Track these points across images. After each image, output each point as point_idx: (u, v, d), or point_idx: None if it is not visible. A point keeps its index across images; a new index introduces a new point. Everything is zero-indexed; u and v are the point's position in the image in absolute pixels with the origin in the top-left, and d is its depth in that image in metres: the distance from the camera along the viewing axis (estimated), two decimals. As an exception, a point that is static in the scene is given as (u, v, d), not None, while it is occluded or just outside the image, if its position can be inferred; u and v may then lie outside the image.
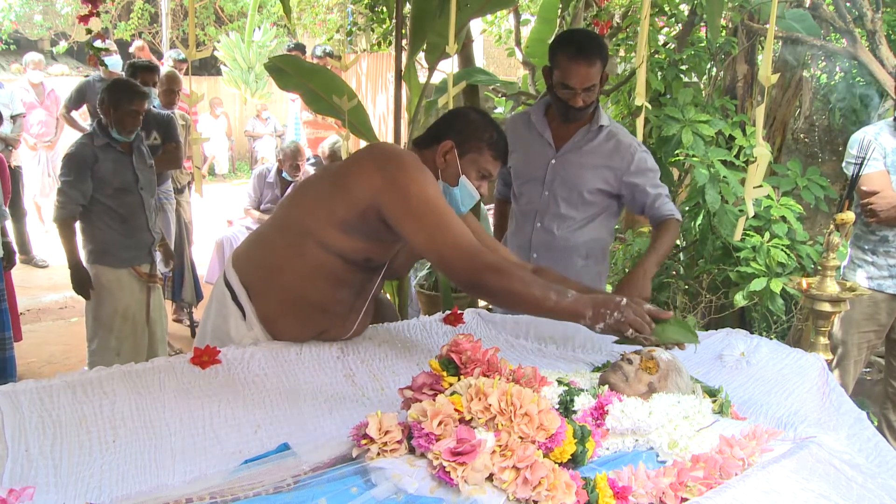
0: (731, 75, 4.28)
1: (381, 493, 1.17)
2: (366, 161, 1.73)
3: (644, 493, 1.24)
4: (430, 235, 1.62)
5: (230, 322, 1.84)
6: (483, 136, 1.83)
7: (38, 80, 6.90)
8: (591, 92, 2.30)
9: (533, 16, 5.16)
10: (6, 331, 3.56)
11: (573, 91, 2.28)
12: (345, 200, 1.70)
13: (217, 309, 1.89)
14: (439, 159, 1.81)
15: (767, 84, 2.27)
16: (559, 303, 1.58)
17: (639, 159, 2.41)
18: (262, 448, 1.43)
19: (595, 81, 2.28)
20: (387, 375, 1.77)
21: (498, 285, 1.57)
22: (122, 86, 3.35)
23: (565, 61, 2.27)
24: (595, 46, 2.27)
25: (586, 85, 2.27)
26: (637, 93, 2.60)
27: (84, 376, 1.53)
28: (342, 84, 3.24)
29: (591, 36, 2.40)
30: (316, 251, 1.74)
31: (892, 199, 2.82)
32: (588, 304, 1.57)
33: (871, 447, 1.62)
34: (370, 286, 1.89)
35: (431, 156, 1.82)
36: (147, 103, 3.36)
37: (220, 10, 12.91)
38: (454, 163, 1.81)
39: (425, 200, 1.63)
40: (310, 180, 1.94)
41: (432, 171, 1.79)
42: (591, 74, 2.26)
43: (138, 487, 1.30)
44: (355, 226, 1.71)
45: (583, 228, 2.49)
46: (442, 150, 1.81)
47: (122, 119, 3.24)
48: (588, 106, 2.32)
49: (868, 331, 3.00)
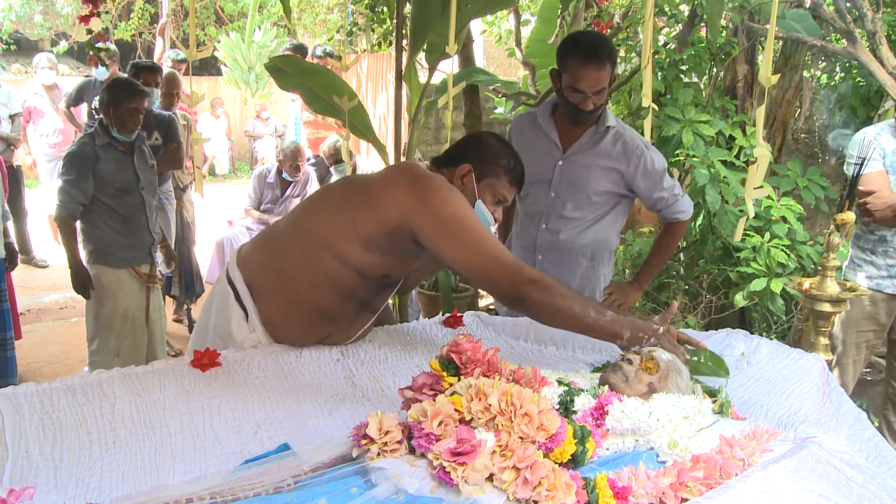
0: (732, 75, 4.27)
1: (382, 494, 1.17)
2: (396, 180, 1.75)
3: (644, 493, 1.24)
4: (470, 253, 1.65)
5: (232, 322, 1.83)
6: (501, 161, 1.86)
7: (51, 82, 6.35)
8: (600, 95, 2.29)
9: (533, 16, 5.17)
10: (7, 331, 3.56)
11: (583, 95, 2.27)
12: (372, 218, 1.70)
13: (219, 308, 1.89)
14: (457, 182, 1.82)
15: (768, 84, 2.27)
16: (598, 321, 1.63)
17: (646, 161, 2.40)
18: (262, 448, 1.43)
19: (605, 85, 2.27)
20: (387, 376, 1.77)
21: (541, 299, 1.61)
22: (122, 84, 3.35)
23: (574, 65, 2.25)
24: (605, 50, 2.25)
25: (597, 88, 2.26)
26: (643, 94, 2.59)
27: (84, 379, 1.54)
28: (342, 84, 3.23)
29: (599, 39, 2.38)
30: (333, 263, 1.74)
31: (888, 199, 2.83)
32: (627, 327, 1.63)
33: (871, 447, 1.62)
34: (381, 300, 1.91)
35: (449, 177, 1.83)
36: (147, 102, 3.36)
37: (221, 10, 12.91)
38: (471, 186, 1.83)
39: (460, 219, 1.66)
40: (331, 190, 1.95)
41: None
42: (601, 78, 2.25)
43: (138, 488, 1.30)
44: (380, 244, 1.72)
45: (588, 230, 2.49)
46: (460, 173, 1.83)
47: (123, 118, 3.24)
48: (597, 108, 2.32)
49: (867, 330, 3.01)
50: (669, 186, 2.44)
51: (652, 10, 2.64)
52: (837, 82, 5.07)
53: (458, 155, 1.87)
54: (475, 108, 4.56)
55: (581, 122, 2.38)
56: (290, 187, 5.08)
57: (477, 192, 1.83)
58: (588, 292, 2.54)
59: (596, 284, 2.57)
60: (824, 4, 3.78)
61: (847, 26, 3.51)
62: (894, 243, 2.90)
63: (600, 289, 2.58)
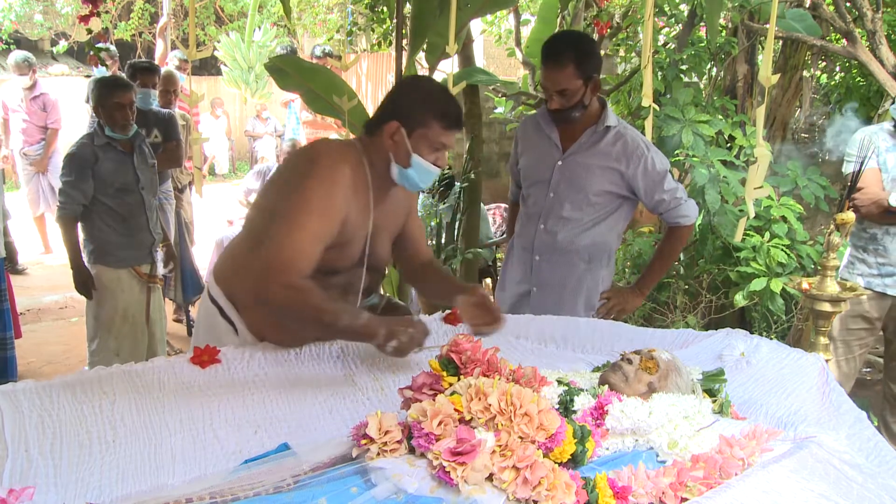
0: (731, 75, 4.28)
1: (381, 493, 1.17)
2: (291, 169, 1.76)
3: (644, 492, 1.24)
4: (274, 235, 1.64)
5: (223, 338, 1.81)
6: (428, 107, 1.75)
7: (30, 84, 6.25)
8: (565, 95, 2.29)
9: (533, 16, 5.17)
10: (7, 330, 3.56)
11: (549, 93, 2.32)
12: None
13: (206, 328, 1.86)
14: (388, 142, 1.75)
15: (767, 84, 2.27)
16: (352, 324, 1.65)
17: (647, 162, 2.38)
18: (261, 448, 1.43)
19: (566, 86, 2.27)
20: (387, 375, 1.77)
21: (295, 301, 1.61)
22: (105, 81, 3.36)
23: (542, 64, 2.32)
24: (567, 51, 2.26)
25: (557, 88, 2.28)
26: (644, 94, 2.59)
27: (83, 376, 1.54)
28: (342, 84, 3.24)
29: (565, 40, 2.39)
30: None
31: (874, 196, 2.87)
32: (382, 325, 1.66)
33: (871, 447, 1.61)
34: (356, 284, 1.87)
35: (378, 140, 1.76)
36: (133, 95, 3.34)
37: (221, 10, 12.91)
38: (403, 143, 1.74)
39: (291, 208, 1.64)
40: (266, 188, 1.89)
41: (383, 157, 1.76)
42: (559, 79, 2.27)
43: (138, 487, 1.29)
44: None
45: (587, 231, 2.47)
46: (389, 133, 1.74)
47: (110, 113, 3.25)
48: (571, 108, 2.31)
49: (857, 328, 3.03)
50: (671, 189, 2.41)
51: (652, 9, 2.65)
52: (837, 82, 5.08)
53: (384, 114, 1.77)
54: (475, 107, 4.56)
55: (560, 119, 2.39)
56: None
57: (410, 147, 1.74)
58: (585, 295, 2.52)
59: (593, 287, 2.53)
60: (824, 4, 3.78)
61: (847, 26, 3.51)
62: (885, 242, 2.93)
63: (598, 292, 2.55)
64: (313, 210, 1.66)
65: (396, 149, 1.75)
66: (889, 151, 2.91)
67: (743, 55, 4.18)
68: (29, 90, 6.27)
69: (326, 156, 1.73)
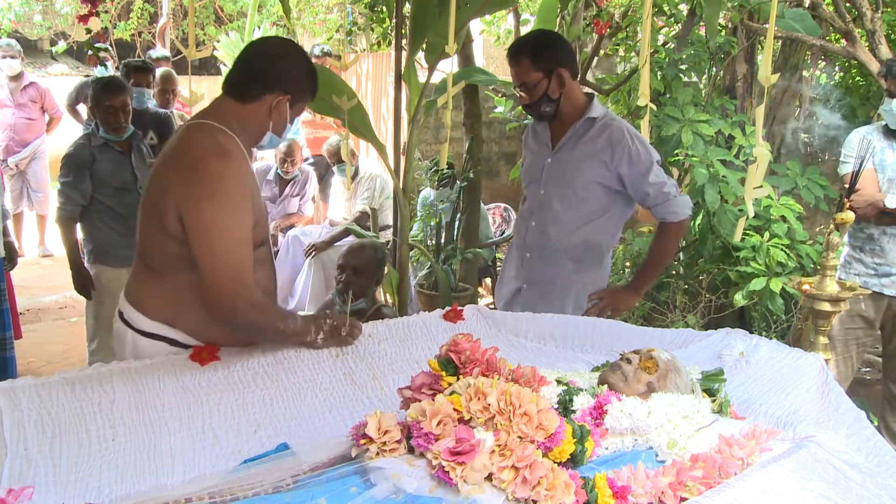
0: (731, 75, 4.28)
1: (381, 493, 1.17)
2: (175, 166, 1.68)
3: (643, 492, 1.24)
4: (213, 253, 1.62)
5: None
6: (311, 83, 1.80)
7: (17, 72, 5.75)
8: (528, 90, 2.36)
9: (532, 16, 5.16)
10: (7, 330, 3.55)
11: (517, 90, 2.42)
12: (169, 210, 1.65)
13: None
14: (267, 111, 1.73)
15: (767, 84, 2.27)
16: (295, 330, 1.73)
17: (631, 151, 2.33)
18: (261, 448, 1.43)
19: (524, 79, 2.35)
20: (386, 374, 1.77)
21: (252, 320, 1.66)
22: (101, 83, 3.35)
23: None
24: (525, 45, 2.38)
25: (517, 82, 2.38)
26: (641, 93, 2.57)
27: (83, 373, 1.53)
28: (342, 83, 3.23)
29: (528, 36, 2.53)
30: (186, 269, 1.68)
31: (869, 197, 2.87)
32: (310, 322, 1.75)
33: (871, 447, 1.61)
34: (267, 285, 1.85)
35: (256, 109, 1.72)
36: (128, 97, 3.32)
37: (220, 9, 12.90)
38: (284, 113, 1.75)
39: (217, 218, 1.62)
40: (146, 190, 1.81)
41: (259, 125, 1.74)
42: (517, 72, 2.36)
43: (137, 487, 1.30)
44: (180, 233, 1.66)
45: (578, 230, 2.43)
46: (271, 103, 1.72)
47: (105, 117, 3.25)
48: (539, 103, 2.37)
49: (854, 328, 3.03)
50: (657, 183, 2.33)
51: (650, 9, 2.64)
52: (837, 81, 5.08)
53: (264, 83, 1.72)
54: (475, 107, 4.56)
55: (537, 117, 2.48)
56: (289, 186, 5.07)
57: (290, 116, 1.77)
58: (572, 295, 2.47)
59: (581, 289, 2.47)
60: (824, 4, 3.78)
61: (846, 25, 3.52)
62: (882, 242, 2.93)
63: (586, 293, 2.48)
64: (231, 216, 1.64)
65: (277, 118, 1.75)
66: (884, 152, 2.91)
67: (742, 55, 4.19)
68: (16, 80, 5.83)
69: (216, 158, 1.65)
